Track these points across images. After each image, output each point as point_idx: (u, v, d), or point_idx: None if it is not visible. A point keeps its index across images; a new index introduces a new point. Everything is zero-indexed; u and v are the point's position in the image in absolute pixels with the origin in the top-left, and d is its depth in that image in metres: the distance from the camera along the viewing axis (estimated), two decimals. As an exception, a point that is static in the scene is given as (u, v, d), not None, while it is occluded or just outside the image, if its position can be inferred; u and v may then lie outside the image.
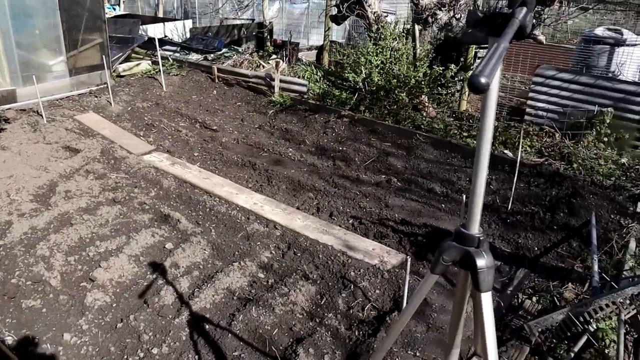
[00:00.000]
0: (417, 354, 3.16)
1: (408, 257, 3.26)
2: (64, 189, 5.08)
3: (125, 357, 3.11)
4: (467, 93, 8.07)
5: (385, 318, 3.43)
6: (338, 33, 11.94)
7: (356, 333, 3.34)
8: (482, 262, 1.28)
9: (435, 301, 3.66)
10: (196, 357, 3.09)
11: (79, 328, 3.33)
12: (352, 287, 3.75)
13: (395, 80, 6.78)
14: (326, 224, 4.56)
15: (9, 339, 3.29)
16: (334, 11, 9.04)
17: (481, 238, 1.31)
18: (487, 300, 1.29)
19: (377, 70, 6.87)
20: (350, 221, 4.73)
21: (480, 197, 1.28)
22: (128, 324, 3.33)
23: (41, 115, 6.98)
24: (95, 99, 7.93)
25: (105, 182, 5.27)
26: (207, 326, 3.33)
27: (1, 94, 7.51)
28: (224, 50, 10.60)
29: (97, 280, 3.72)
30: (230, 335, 3.23)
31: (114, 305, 3.54)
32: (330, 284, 3.79)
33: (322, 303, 3.60)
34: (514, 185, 5.00)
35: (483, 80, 0.90)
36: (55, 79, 8.18)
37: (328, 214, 4.82)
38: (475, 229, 1.31)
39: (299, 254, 4.11)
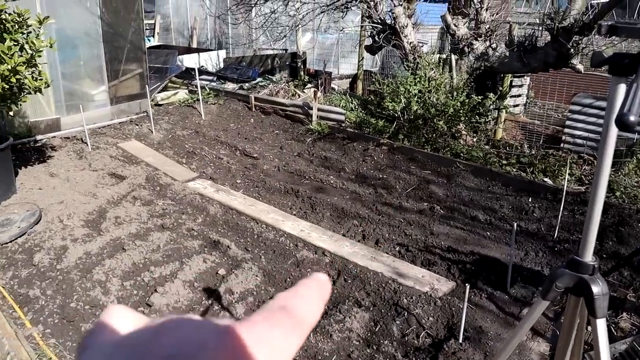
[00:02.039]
0: (477, 384, 3.14)
1: (467, 285, 3.26)
2: (114, 215, 5.20)
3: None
4: (503, 121, 8.09)
5: (442, 346, 3.42)
6: (368, 62, 12.10)
7: (413, 362, 3.33)
8: (598, 288, 1.30)
9: (490, 329, 3.63)
10: (257, 383, 3.10)
11: (138, 352, 3.37)
12: (405, 314, 3.75)
13: (434, 109, 6.84)
14: (374, 251, 4.58)
15: (71, 363, 3.35)
16: (368, 41, 9.19)
17: (595, 265, 1.33)
18: (602, 326, 1.30)
19: (415, 99, 6.94)
20: (397, 248, 4.74)
21: (595, 226, 1.31)
22: (187, 349, 3.37)
23: (86, 143, 7.17)
24: (137, 127, 8.12)
25: (153, 209, 5.37)
26: (265, 352, 3.34)
27: (47, 122, 7.74)
28: (258, 79, 10.81)
29: (154, 305, 3.78)
30: (289, 361, 3.24)
31: (172, 330, 3.58)
32: (383, 311, 3.79)
33: (376, 330, 3.60)
34: (560, 213, 4.97)
35: (632, 118, 0.94)
36: (97, 108, 8.41)
37: (374, 241, 4.84)
38: (589, 257, 1.34)
39: (349, 281, 4.13)
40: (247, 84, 10.53)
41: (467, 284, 3.26)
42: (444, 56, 8.09)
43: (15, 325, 3.64)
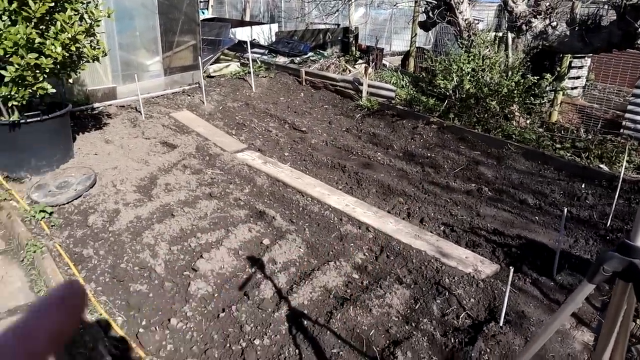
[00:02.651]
0: (515, 368, 3.11)
1: (511, 268, 3.21)
2: (164, 181, 5.35)
3: (228, 345, 3.23)
4: (559, 104, 7.81)
5: (482, 328, 3.38)
6: (421, 39, 11.86)
7: (452, 340, 3.31)
8: (648, 273, 1.25)
9: (532, 314, 3.57)
10: (296, 351, 3.17)
11: (183, 314, 3.50)
12: (446, 294, 3.72)
13: (487, 88, 6.67)
14: (418, 229, 4.55)
15: (120, 319, 3.50)
16: (422, 17, 9.00)
17: (647, 249, 1.28)
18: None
19: (468, 77, 6.78)
20: (442, 228, 4.69)
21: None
22: (230, 314, 3.46)
23: (139, 112, 7.37)
24: (189, 97, 8.28)
25: (202, 177, 5.49)
26: (305, 322, 3.40)
27: (103, 91, 7.99)
28: (309, 54, 10.79)
29: (199, 270, 3.89)
30: (328, 332, 3.29)
31: (216, 295, 3.69)
32: (424, 289, 3.78)
33: (416, 308, 3.60)
34: (615, 201, 4.80)
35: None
36: (151, 78, 8.61)
37: (419, 220, 4.81)
38: (641, 240, 1.29)
39: (392, 258, 4.13)
40: (298, 58, 10.52)
41: (511, 267, 3.21)
42: (500, 34, 7.84)
43: (70, 281, 3.82)
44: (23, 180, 5.48)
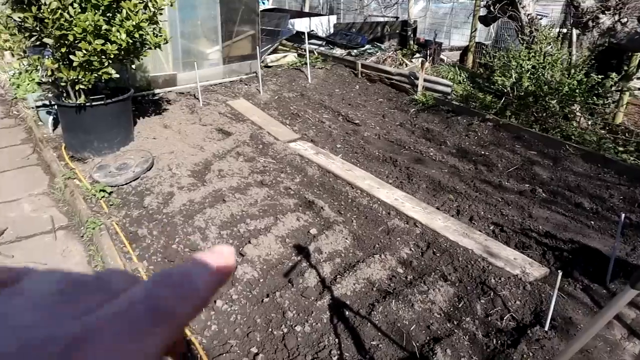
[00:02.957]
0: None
1: (559, 272, 3.13)
2: (218, 167, 5.49)
3: (270, 330, 3.31)
4: (625, 105, 7.48)
5: (526, 331, 3.32)
6: (481, 34, 11.60)
7: (494, 342, 3.27)
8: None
9: (581, 321, 3.47)
10: (336, 340, 3.22)
11: (229, 297, 3.60)
12: (491, 294, 3.67)
13: (547, 87, 6.47)
14: (467, 227, 4.49)
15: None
16: (483, 12, 8.81)
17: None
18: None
19: (527, 75, 6.59)
20: (491, 227, 4.61)
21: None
22: (274, 299, 3.54)
23: (197, 99, 7.57)
24: (245, 86, 8.43)
25: (254, 165, 5.60)
26: (346, 312, 3.44)
27: (164, 77, 8.26)
28: (367, 46, 10.76)
29: (246, 255, 3.99)
30: (369, 324, 3.32)
31: (261, 280, 3.78)
32: (468, 288, 3.74)
33: (459, 306, 3.57)
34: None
35: None
36: (210, 66, 8.82)
37: (468, 218, 4.74)
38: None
39: (438, 254, 4.10)
40: (355, 51, 10.51)
41: (559, 271, 3.13)
42: (564, 30, 7.57)
43: (125, 259, 4.01)
44: (86, 161, 5.75)
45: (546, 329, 3.32)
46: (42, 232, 4.59)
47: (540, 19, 7.98)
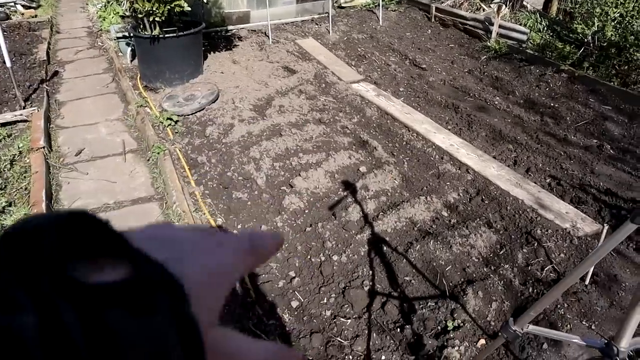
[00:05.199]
0: (592, 327, 3.00)
1: (606, 225, 3.04)
2: (279, 103, 5.60)
3: (309, 257, 3.46)
4: None
5: (566, 282, 3.28)
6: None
7: (530, 290, 3.25)
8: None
9: (626, 280, 3.37)
10: (370, 272, 3.32)
11: (274, 224, 3.77)
12: (535, 244, 3.62)
13: (633, 37, 6.02)
14: (521, 178, 4.39)
15: (220, 220, 3.87)
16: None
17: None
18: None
19: (612, 23, 6.15)
20: (548, 180, 4.48)
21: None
22: (315, 230, 3.68)
23: (268, 37, 7.65)
24: (316, 26, 8.41)
25: (315, 103, 5.67)
26: (384, 247, 3.52)
27: (238, 14, 8.37)
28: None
29: (295, 187, 4.13)
30: (404, 260, 3.39)
31: (306, 211, 3.92)
32: (512, 236, 3.70)
33: (500, 253, 3.55)
34: None
35: None
36: (284, 5, 8.82)
37: (525, 169, 4.62)
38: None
39: (486, 202, 4.06)
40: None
41: (606, 225, 3.04)
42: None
43: (183, 182, 4.26)
44: (158, 91, 6.04)
45: (586, 282, 3.27)
46: (114, 154, 4.93)
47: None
